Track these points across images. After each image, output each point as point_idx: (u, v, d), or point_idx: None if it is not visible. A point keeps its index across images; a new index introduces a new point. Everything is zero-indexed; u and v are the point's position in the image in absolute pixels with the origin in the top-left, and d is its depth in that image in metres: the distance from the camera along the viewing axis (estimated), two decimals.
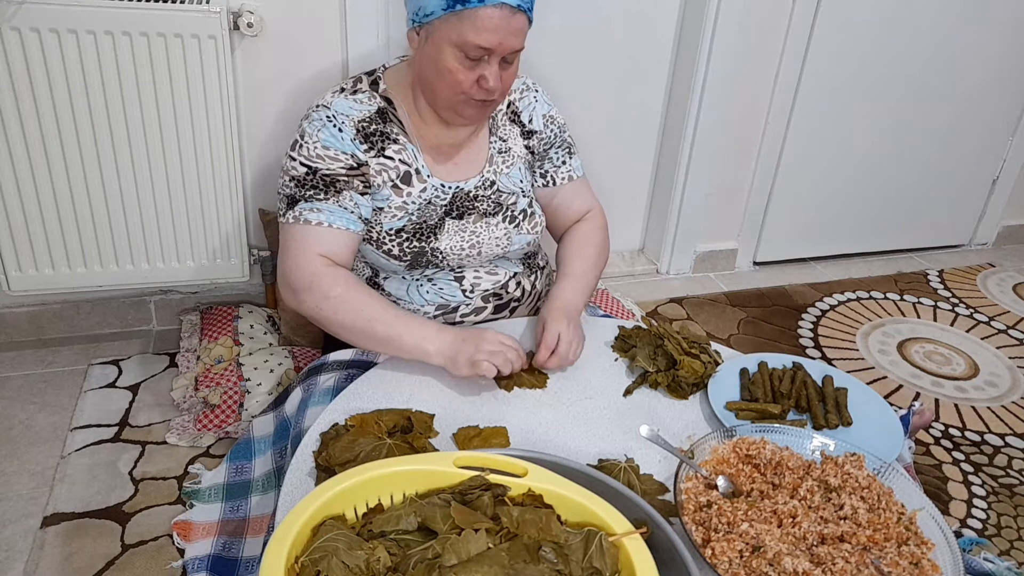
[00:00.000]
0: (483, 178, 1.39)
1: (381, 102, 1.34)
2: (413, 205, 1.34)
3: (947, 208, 2.74)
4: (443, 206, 1.37)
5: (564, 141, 1.49)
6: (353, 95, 1.33)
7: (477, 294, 1.42)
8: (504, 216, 1.41)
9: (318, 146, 1.28)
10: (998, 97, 2.56)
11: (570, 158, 1.49)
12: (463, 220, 1.38)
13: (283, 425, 1.34)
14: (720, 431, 1.08)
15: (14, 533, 1.33)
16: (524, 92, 1.45)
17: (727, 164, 2.32)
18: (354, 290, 1.26)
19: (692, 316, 2.23)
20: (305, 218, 1.27)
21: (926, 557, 0.91)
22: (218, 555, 1.26)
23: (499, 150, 1.42)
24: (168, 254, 1.74)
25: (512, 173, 1.43)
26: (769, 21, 2.14)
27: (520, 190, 1.43)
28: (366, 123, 1.31)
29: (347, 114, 1.30)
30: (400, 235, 1.34)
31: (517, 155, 1.44)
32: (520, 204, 1.43)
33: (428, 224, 1.36)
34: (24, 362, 1.77)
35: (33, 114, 1.52)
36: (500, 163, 1.42)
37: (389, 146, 1.33)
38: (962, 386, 2.00)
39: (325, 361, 1.32)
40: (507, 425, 1.12)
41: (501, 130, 1.43)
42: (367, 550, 0.79)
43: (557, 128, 1.47)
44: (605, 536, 0.82)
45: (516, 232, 1.42)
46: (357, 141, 1.30)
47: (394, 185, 1.33)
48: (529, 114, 1.44)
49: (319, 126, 1.29)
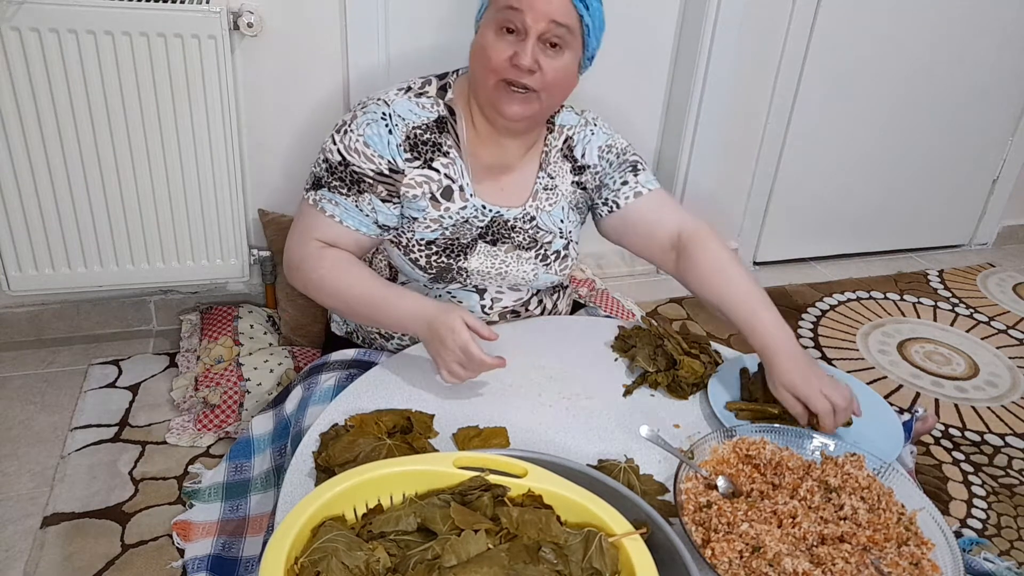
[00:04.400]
0: (524, 211, 1.35)
1: (444, 110, 1.30)
2: (449, 220, 1.31)
3: (947, 208, 2.74)
4: (479, 228, 1.33)
5: (626, 162, 1.40)
6: (418, 98, 1.30)
7: (496, 310, 1.40)
8: (537, 253, 1.37)
9: (360, 140, 1.25)
10: (998, 97, 2.56)
11: (635, 176, 1.38)
12: (495, 247, 1.34)
13: (283, 424, 1.34)
14: (720, 431, 1.08)
15: (14, 533, 1.33)
16: (582, 128, 1.40)
17: (727, 164, 2.32)
18: (338, 271, 1.26)
19: (692, 316, 2.23)
20: (321, 206, 1.27)
21: (926, 557, 0.91)
22: (218, 555, 1.26)
23: (545, 186, 1.37)
24: (168, 254, 1.74)
25: (554, 212, 1.38)
26: (769, 21, 2.14)
27: (559, 230, 1.38)
28: (420, 130, 1.28)
29: (404, 117, 1.27)
30: (431, 247, 1.31)
31: (563, 194, 1.39)
32: (556, 244, 1.38)
33: (460, 243, 1.32)
34: (24, 362, 1.77)
35: (33, 114, 1.52)
36: (544, 200, 1.37)
37: (438, 158, 1.29)
38: (962, 386, 2.00)
39: (327, 360, 1.32)
40: (507, 425, 1.12)
41: (552, 167, 1.38)
42: (367, 551, 0.79)
43: (615, 155, 1.40)
44: (605, 536, 0.81)
45: (545, 271, 1.38)
46: (403, 148, 1.27)
47: (433, 198, 1.29)
48: (583, 148, 1.39)
49: (370, 120, 1.26)
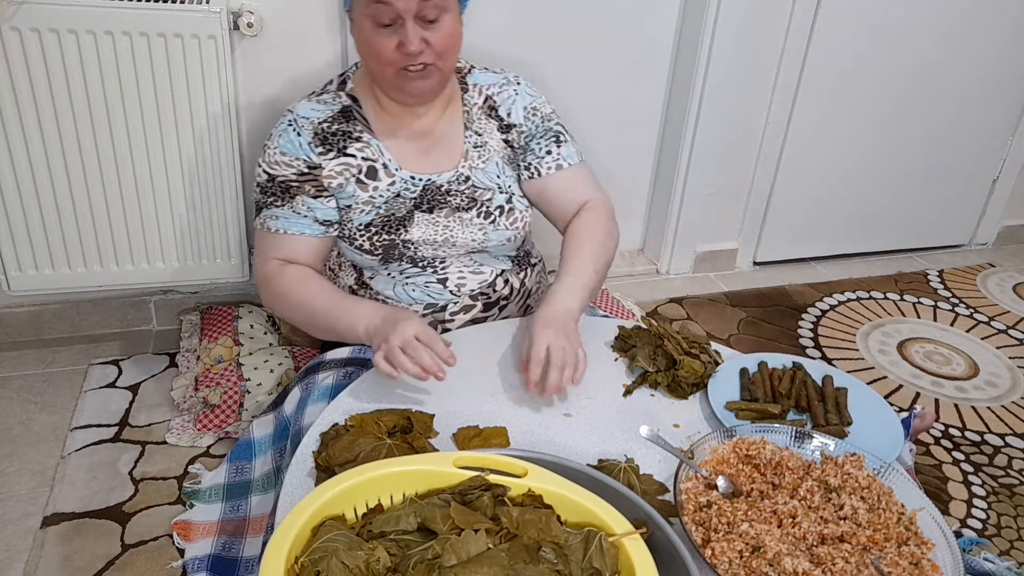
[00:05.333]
0: (457, 173, 1.38)
1: (347, 100, 1.36)
2: (380, 199, 1.35)
3: (947, 208, 2.74)
4: (412, 199, 1.37)
5: (550, 130, 1.43)
6: (318, 97, 1.37)
7: (464, 293, 1.42)
8: (479, 211, 1.39)
9: (277, 152, 1.33)
10: (998, 97, 2.56)
11: (557, 147, 1.43)
12: (432, 214, 1.37)
13: (283, 425, 1.33)
14: (720, 431, 1.08)
15: (14, 533, 1.33)
16: (504, 86, 1.43)
17: (727, 164, 2.32)
18: (298, 286, 1.32)
19: (692, 316, 2.23)
20: (267, 225, 1.35)
21: (926, 557, 0.91)
22: (218, 555, 1.26)
23: (475, 144, 1.40)
24: (168, 254, 1.74)
25: (488, 168, 1.41)
26: (769, 21, 2.14)
27: (496, 186, 1.41)
28: (327, 123, 1.34)
29: (308, 117, 1.34)
30: (369, 229, 1.35)
31: (494, 149, 1.41)
32: (496, 200, 1.41)
33: (396, 216, 1.36)
34: (24, 362, 1.77)
35: (33, 114, 1.52)
36: (476, 158, 1.40)
37: (351, 144, 1.34)
38: (962, 386, 2.00)
39: (322, 360, 1.32)
40: (507, 425, 1.12)
41: (476, 124, 1.41)
42: (367, 550, 0.79)
43: (540, 119, 1.43)
44: (605, 536, 0.82)
45: (492, 228, 1.40)
46: (313, 144, 1.33)
47: (359, 180, 1.34)
48: (508, 108, 1.42)
49: (281, 131, 1.34)
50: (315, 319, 1.32)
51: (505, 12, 1.90)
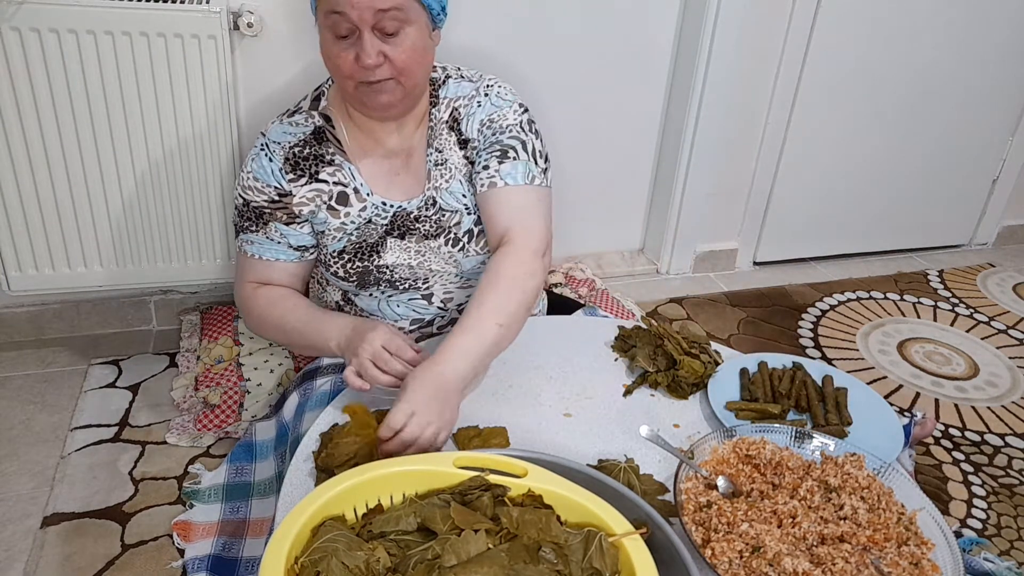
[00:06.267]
0: (425, 197, 1.30)
1: (319, 120, 1.29)
2: (352, 225, 1.30)
3: (947, 208, 2.74)
4: (383, 225, 1.30)
5: (499, 144, 1.27)
6: (291, 118, 1.30)
7: (452, 308, 1.39)
8: (447, 239, 1.31)
9: (250, 177, 1.30)
10: (998, 97, 2.55)
11: (499, 163, 1.25)
12: (404, 240, 1.31)
13: (283, 430, 1.34)
14: (720, 431, 1.08)
15: (14, 533, 1.33)
16: (471, 99, 1.29)
17: (727, 164, 2.32)
18: (272, 307, 1.31)
19: (692, 316, 2.23)
20: (244, 249, 1.34)
21: (926, 557, 0.91)
22: (218, 555, 1.26)
23: (436, 162, 1.29)
24: (168, 254, 1.74)
25: (452, 187, 1.30)
26: (769, 21, 2.14)
27: (464, 206, 1.30)
28: (299, 147, 1.27)
29: (279, 141, 1.28)
30: (342, 256, 1.32)
31: (455, 166, 1.30)
32: (464, 224, 1.31)
33: (368, 243, 1.31)
34: (24, 362, 1.77)
35: (33, 114, 1.52)
36: (438, 177, 1.29)
37: (323, 169, 1.28)
38: (962, 386, 2.00)
39: (319, 365, 1.32)
40: (507, 425, 1.12)
41: (438, 140, 1.29)
42: (367, 551, 0.79)
43: (493, 131, 1.28)
44: (605, 536, 0.82)
45: (463, 256, 1.32)
46: (284, 170, 1.27)
47: (329, 207, 1.28)
48: (467, 122, 1.29)
49: (254, 155, 1.30)
50: (291, 338, 1.30)
51: (504, 12, 1.90)
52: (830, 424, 1.18)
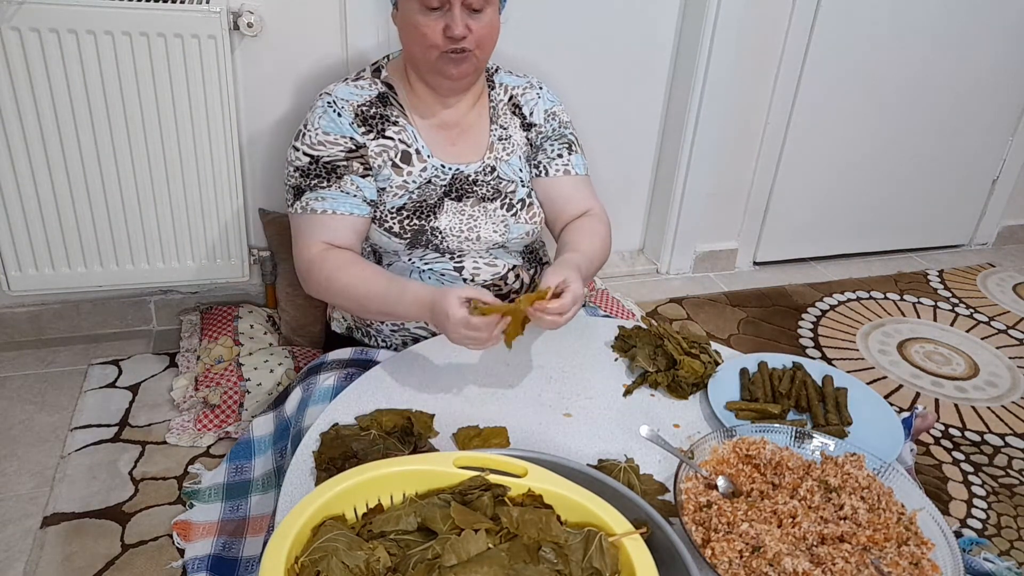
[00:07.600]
0: (484, 164, 1.43)
1: (382, 87, 1.40)
2: (413, 184, 1.38)
3: (947, 208, 2.74)
4: (443, 186, 1.40)
5: (564, 136, 1.50)
6: (355, 82, 1.40)
7: (478, 283, 1.42)
8: (503, 203, 1.43)
9: (319, 132, 1.35)
10: (998, 97, 2.56)
11: (569, 154, 1.49)
12: (461, 203, 1.41)
13: (283, 425, 1.34)
14: (720, 431, 1.08)
15: (14, 533, 1.33)
16: (527, 89, 1.50)
17: (727, 164, 2.32)
18: (342, 271, 1.30)
19: (692, 316, 2.23)
20: (312, 208, 1.34)
21: (926, 557, 0.91)
22: (218, 555, 1.26)
23: (500, 137, 1.45)
24: (168, 254, 1.74)
25: (512, 161, 1.46)
26: (769, 21, 2.14)
27: (519, 179, 1.46)
28: (366, 107, 1.37)
29: (347, 99, 1.37)
30: (401, 212, 1.38)
31: (517, 144, 1.47)
32: (519, 193, 1.45)
33: (428, 203, 1.39)
34: (24, 362, 1.77)
35: (33, 114, 1.52)
36: (500, 150, 1.45)
37: (389, 127, 1.38)
38: (962, 386, 2.00)
39: (324, 360, 1.32)
40: (507, 425, 1.12)
41: (502, 118, 1.47)
42: (367, 550, 0.79)
43: (557, 123, 1.50)
44: (605, 536, 0.81)
45: (514, 221, 1.44)
46: (356, 124, 1.36)
47: (394, 164, 1.37)
48: (530, 108, 1.48)
49: (320, 113, 1.36)
50: (365, 304, 1.29)
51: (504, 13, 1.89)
52: (830, 424, 1.18)
